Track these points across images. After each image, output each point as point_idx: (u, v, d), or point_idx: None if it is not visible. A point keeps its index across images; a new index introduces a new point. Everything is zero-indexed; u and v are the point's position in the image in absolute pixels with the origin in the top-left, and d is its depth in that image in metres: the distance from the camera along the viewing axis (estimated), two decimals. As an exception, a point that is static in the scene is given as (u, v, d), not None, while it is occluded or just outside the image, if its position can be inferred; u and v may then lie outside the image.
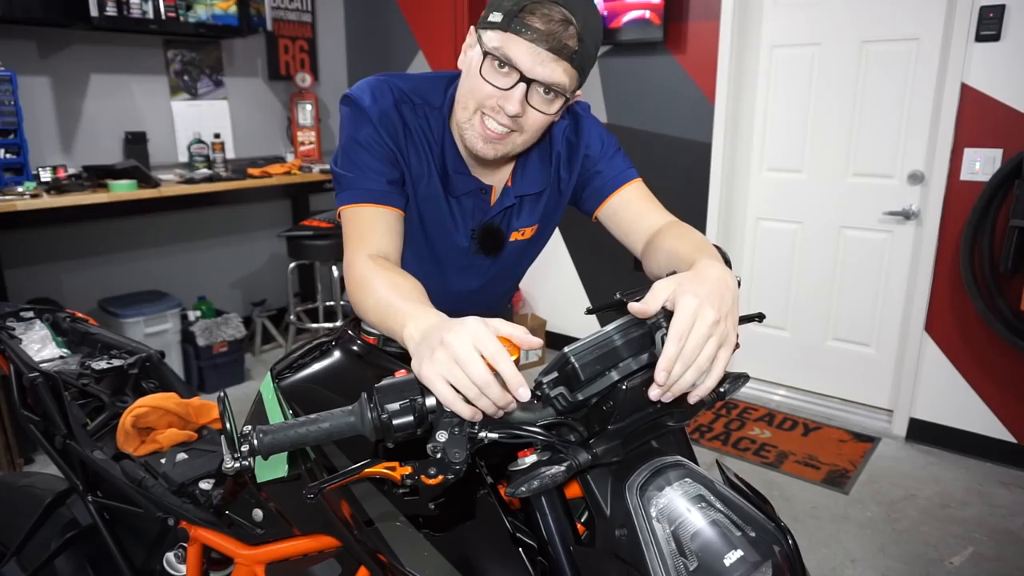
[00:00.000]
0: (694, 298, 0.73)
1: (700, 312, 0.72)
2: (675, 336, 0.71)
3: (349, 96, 1.06)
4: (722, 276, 0.80)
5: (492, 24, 0.94)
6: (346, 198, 1.04)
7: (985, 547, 2.29)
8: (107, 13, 2.99)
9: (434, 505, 0.83)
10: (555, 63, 0.92)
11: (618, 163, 1.16)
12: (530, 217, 1.19)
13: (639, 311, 0.74)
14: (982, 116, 2.61)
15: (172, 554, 1.24)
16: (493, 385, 0.67)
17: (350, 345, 1.06)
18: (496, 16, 0.94)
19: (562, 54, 0.92)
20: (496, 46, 0.93)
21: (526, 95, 0.95)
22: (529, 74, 0.93)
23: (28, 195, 2.80)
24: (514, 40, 0.92)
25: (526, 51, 0.92)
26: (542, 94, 0.96)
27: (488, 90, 0.96)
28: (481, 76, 0.96)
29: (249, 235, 4.13)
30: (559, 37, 0.91)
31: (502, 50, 0.93)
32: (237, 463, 0.67)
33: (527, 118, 0.98)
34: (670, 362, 0.70)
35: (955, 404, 2.86)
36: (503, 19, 0.93)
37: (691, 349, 0.71)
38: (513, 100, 0.95)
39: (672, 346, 0.71)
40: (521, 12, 0.91)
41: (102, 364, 1.50)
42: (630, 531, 0.70)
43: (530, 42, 0.91)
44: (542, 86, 0.94)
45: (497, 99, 0.96)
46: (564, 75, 0.94)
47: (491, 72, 0.95)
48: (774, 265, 3.34)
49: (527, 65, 0.92)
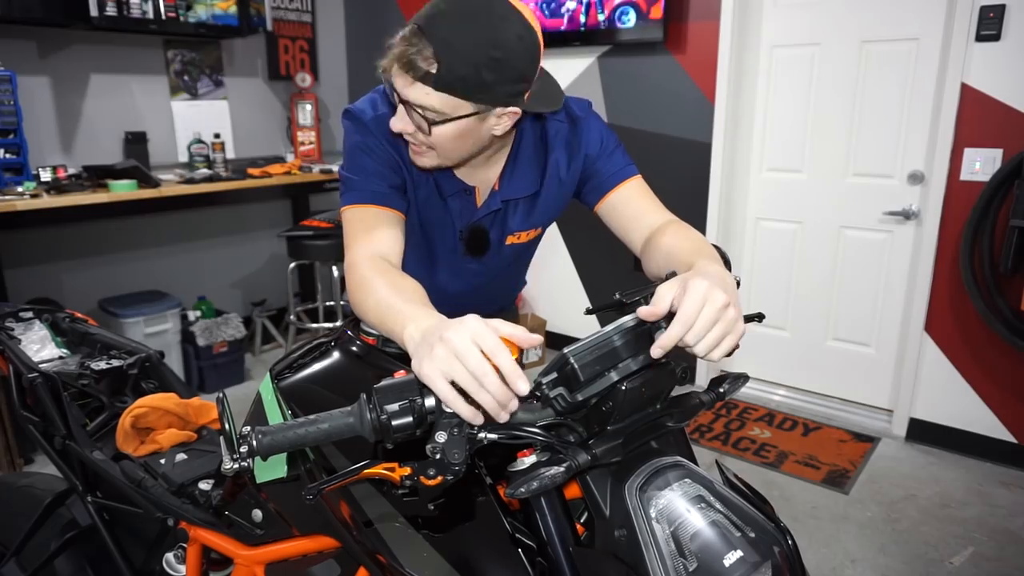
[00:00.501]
0: (704, 279, 0.74)
1: (710, 294, 0.73)
2: (682, 319, 0.72)
3: (350, 111, 1.10)
4: (722, 274, 0.82)
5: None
6: (349, 199, 1.07)
7: (985, 547, 2.29)
8: (107, 13, 2.99)
9: (433, 506, 0.83)
10: (412, 87, 0.93)
11: (618, 159, 1.16)
12: (527, 221, 1.19)
13: (648, 314, 0.74)
14: (982, 116, 2.61)
15: (172, 554, 1.24)
16: (491, 375, 0.67)
17: (349, 346, 1.06)
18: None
19: (416, 76, 0.92)
20: (386, 66, 0.96)
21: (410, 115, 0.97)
22: (400, 95, 0.95)
23: (28, 195, 2.80)
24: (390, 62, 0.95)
25: (395, 73, 0.95)
26: (419, 115, 0.96)
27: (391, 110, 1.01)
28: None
29: (249, 235, 4.13)
30: (410, 59, 0.92)
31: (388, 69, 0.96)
32: (236, 464, 0.67)
33: (433, 138, 0.98)
34: (671, 341, 0.71)
35: (955, 404, 2.86)
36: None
37: (695, 334, 0.72)
38: (395, 119, 0.99)
39: (677, 327, 0.71)
40: (396, 36, 0.94)
41: (101, 364, 1.50)
42: (629, 532, 0.70)
43: (396, 65, 0.93)
44: (416, 108, 0.95)
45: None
46: (426, 97, 0.93)
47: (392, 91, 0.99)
48: (774, 265, 3.34)
49: (398, 86, 0.95)
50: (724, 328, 0.73)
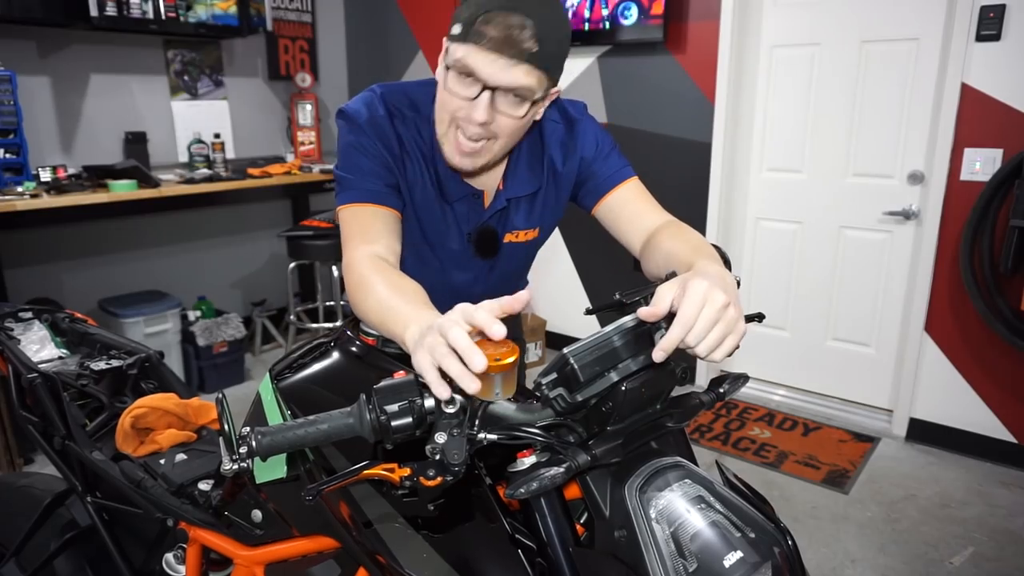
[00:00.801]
0: (703, 280, 0.73)
1: (710, 295, 0.72)
2: (682, 321, 0.71)
3: (343, 111, 1.09)
4: (722, 274, 0.81)
5: (453, 36, 0.96)
6: (345, 198, 1.06)
7: (985, 547, 2.28)
8: (107, 13, 2.99)
9: (433, 506, 0.83)
10: (515, 68, 0.93)
11: (614, 162, 1.17)
12: (527, 220, 1.20)
13: (648, 315, 0.74)
14: (982, 116, 2.61)
15: (171, 555, 1.24)
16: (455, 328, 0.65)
17: (349, 346, 1.06)
18: (456, 28, 0.96)
19: (521, 58, 0.92)
20: (458, 58, 0.95)
21: (493, 102, 0.96)
22: (491, 82, 0.94)
23: (28, 195, 2.79)
24: (473, 50, 0.93)
25: (485, 60, 0.93)
26: (510, 99, 0.96)
27: (456, 102, 0.98)
28: (448, 89, 0.98)
29: (249, 235, 4.13)
30: (515, 42, 0.91)
31: (463, 61, 0.94)
32: (235, 465, 0.67)
33: (498, 124, 0.99)
34: (671, 344, 0.70)
35: (955, 404, 2.86)
36: (462, 30, 0.94)
37: (696, 335, 0.71)
38: (479, 109, 0.96)
39: (677, 330, 0.71)
40: (476, 22, 0.92)
41: (101, 364, 1.49)
42: (629, 532, 0.70)
43: (488, 51, 0.92)
44: (507, 91, 0.95)
45: (466, 109, 0.97)
46: (526, 77, 0.94)
47: (456, 84, 0.97)
48: (774, 265, 3.34)
49: (488, 73, 0.93)
50: (725, 328, 0.73)
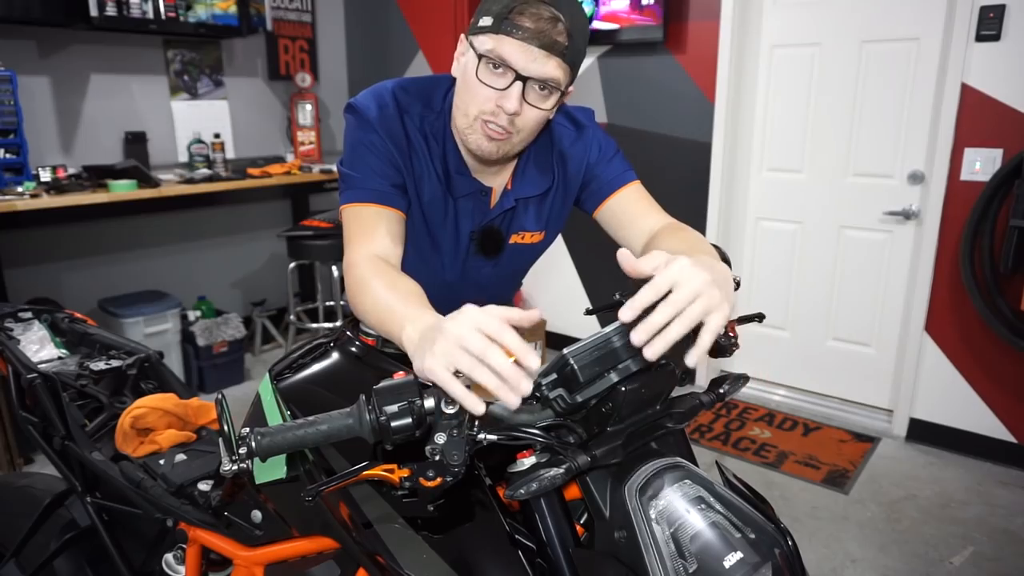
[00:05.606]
0: (687, 259, 0.71)
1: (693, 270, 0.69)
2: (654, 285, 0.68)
3: (353, 105, 1.08)
4: (719, 268, 0.81)
5: (483, 28, 0.98)
6: (349, 197, 1.06)
7: (985, 547, 2.28)
8: (107, 13, 3.00)
9: (433, 507, 0.83)
10: (547, 59, 0.95)
11: (616, 166, 1.17)
12: (535, 222, 1.20)
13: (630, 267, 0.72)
14: (982, 116, 2.61)
15: (171, 555, 1.24)
16: (494, 348, 0.65)
17: (349, 346, 1.06)
18: (486, 20, 0.97)
19: (553, 50, 0.95)
20: (490, 48, 0.96)
21: (523, 93, 0.98)
22: (524, 72, 0.96)
23: (28, 195, 2.79)
24: (506, 41, 0.95)
25: (519, 50, 0.95)
26: (538, 90, 0.98)
27: (487, 92, 0.99)
28: (478, 79, 0.99)
29: (249, 235, 4.13)
30: (549, 34, 0.94)
31: (496, 51, 0.96)
32: (235, 465, 0.67)
33: (523, 117, 1.00)
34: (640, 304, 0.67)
35: (955, 404, 2.86)
36: (494, 22, 0.96)
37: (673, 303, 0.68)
38: (511, 98, 0.97)
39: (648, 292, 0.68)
40: (510, 14, 0.94)
41: (101, 365, 1.49)
42: (629, 533, 0.69)
43: (521, 41, 0.94)
44: (537, 83, 0.97)
45: (496, 100, 0.98)
46: (557, 70, 0.97)
47: (487, 74, 0.98)
48: (774, 265, 3.34)
49: (521, 63, 0.95)
50: (707, 303, 0.69)
